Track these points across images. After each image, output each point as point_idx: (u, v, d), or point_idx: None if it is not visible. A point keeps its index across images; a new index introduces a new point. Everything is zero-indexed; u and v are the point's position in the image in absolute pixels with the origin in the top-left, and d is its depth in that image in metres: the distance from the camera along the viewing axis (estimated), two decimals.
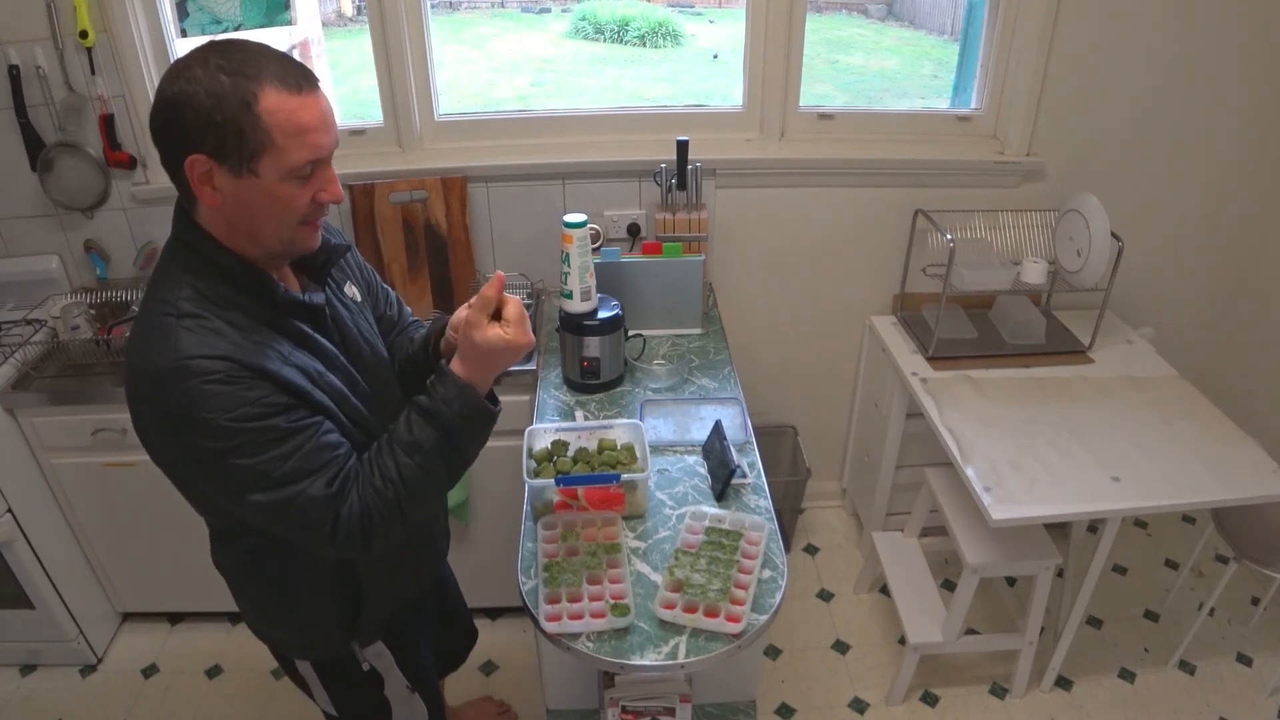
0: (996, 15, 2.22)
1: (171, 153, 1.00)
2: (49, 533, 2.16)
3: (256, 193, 1.02)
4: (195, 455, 1.03)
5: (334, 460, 1.08)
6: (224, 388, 1.00)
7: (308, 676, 1.42)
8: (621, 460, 1.60)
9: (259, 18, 2.17)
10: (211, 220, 1.06)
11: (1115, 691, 2.24)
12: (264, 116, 0.98)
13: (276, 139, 0.99)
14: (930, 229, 2.30)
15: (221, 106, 0.96)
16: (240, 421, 1.01)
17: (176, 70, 0.99)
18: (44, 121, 2.09)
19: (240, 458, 1.02)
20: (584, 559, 1.43)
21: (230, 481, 1.05)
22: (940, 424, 2.01)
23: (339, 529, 1.08)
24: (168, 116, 0.99)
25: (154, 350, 1.00)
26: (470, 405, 1.13)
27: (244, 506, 1.07)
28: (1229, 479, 1.85)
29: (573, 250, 1.84)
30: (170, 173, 1.03)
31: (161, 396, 1.00)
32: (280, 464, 1.04)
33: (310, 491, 1.05)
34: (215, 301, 1.05)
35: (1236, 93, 2.26)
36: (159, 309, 1.04)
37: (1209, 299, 2.60)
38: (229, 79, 0.97)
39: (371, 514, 1.09)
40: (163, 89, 0.99)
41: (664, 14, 3.34)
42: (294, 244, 1.11)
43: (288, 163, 1.01)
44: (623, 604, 1.35)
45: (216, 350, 1.01)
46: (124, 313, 2.19)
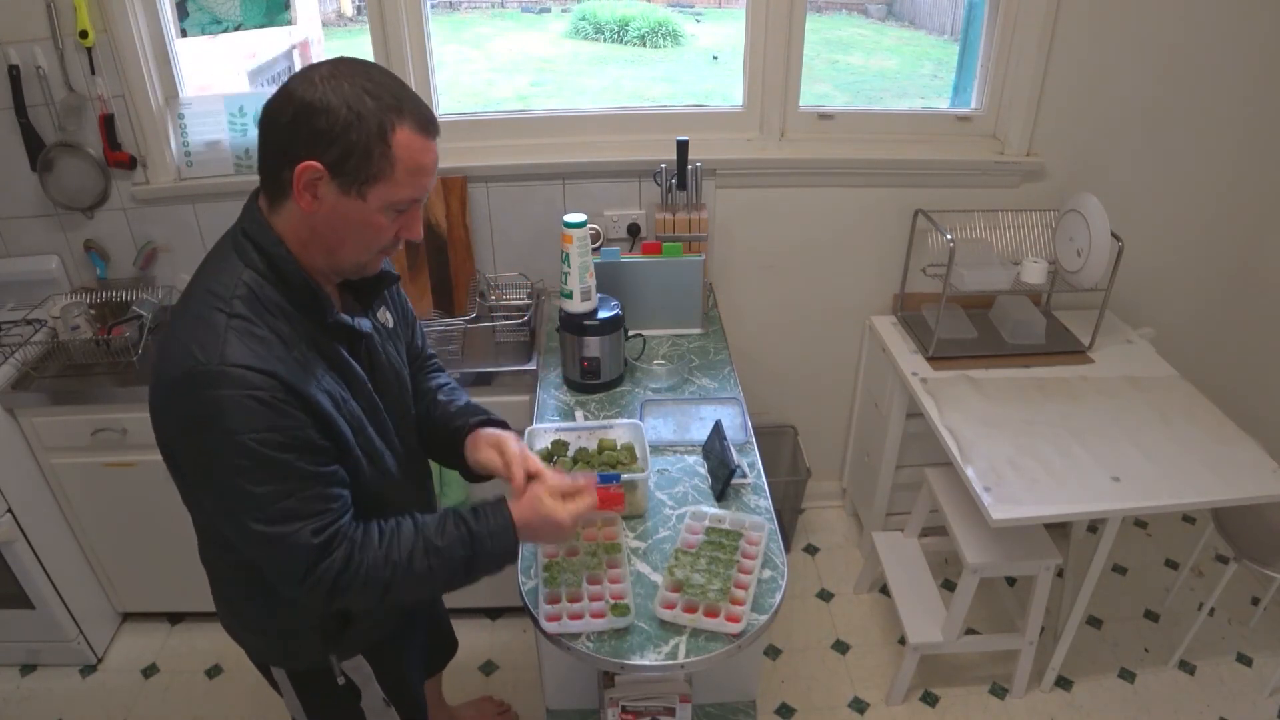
0: (996, 15, 2.22)
1: (287, 151, 1.01)
2: (49, 533, 2.16)
3: (355, 214, 1.04)
4: (206, 461, 1.03)
5: (329, 512, 1.08)
6: (259, 406, 1.00)
7: (281, 683, 1.40)
8: (621, 460, 1.60)
9: (259, 18, 2.17)
10: (292, 225, 1.07)
11: (1115, 691, 2.24)
12: (394, 148, 1.01)
13: (396, 172, 1.02)
14: (930, 229, 2.30)
15: (360, 126, 0.99)
16: (263, 446, 1.01)
17: (319, 77, 1.00)
18: (44, 121, 2.09)
19: (248, 481, 1.02)
20: (584, 559, 1.43)
21: (229, 498, 1.04)
22: (940, 424, 2.01)
23: (310, 578, 1.07)
24: (299, 118, 0.99)
25: (199, 345, 1.00)
26: (506, 549, 1.18)
27: (231, 524, 1.07)
28: (1229, 479, 1.85)
29: (573, 250, 1.84)
30: (270, 168, 1.04)
31: (195, 394, 0.99)
32: (281, 499, 1.04)
33: (298, 537, 1.05)
34: (267, 306, 1.06)
35: (1237, 92, 2.26)
36: (211, 301, 1.03)
37: (1209, 299, 2.60)
38: (374, 103, 0.99)
39: (354, 580, 1.09)
40: (301, 90, 0.99)
41: (664, 14, 3.34)
42: (363, 268, 1.14)
43: (395, 196, 1.04)
44: (623, 604, 1.35)
45: (263, 364, 1.01)
46: (124, 313, 2.19)
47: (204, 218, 2.28)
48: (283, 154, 1.01)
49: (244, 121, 2.18)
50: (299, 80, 1.01)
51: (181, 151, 2.19)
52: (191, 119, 2.16)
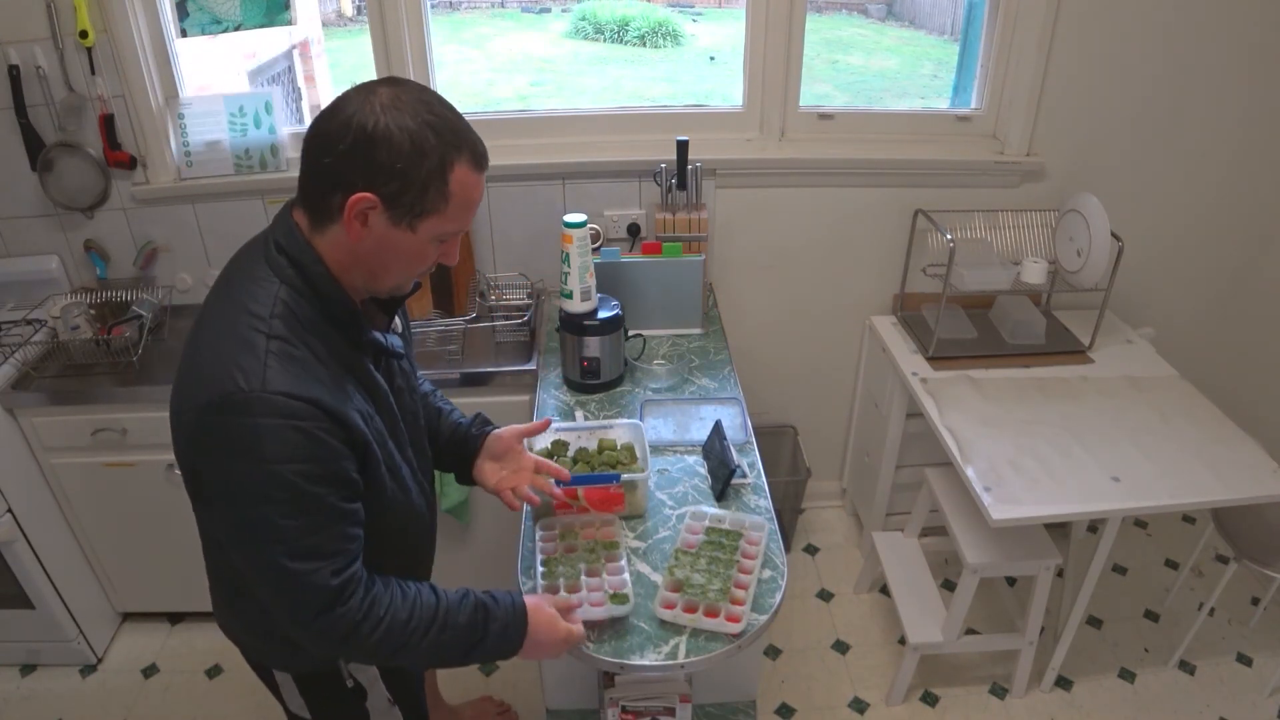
0: (996, 15, 2.22)
1: (340, 180, 0.98)
2: (49, 533, 2.16)
3: (403, 244, 1.03)
4: (237, 489, 1.01)
5: (347, 553, 1.07)
6: (299, 436, 0.99)
7: (284, 686, 1.37)
8: (621, 460, 1.60)
9: (259, 18, 2.17)
10: (334, 249, 1.05)
11: (1115, 691, 2.24)
12: (451, 184, 1.01)
13: (450, 207, 1.02)
14: (930, 229, 2.30)
15: (422, 163, 0.97)
16: (299, 478, 0.99)
17: (380, 105, 0.97)
18: (44, 121, 2.09)
19: (278, 513, 1.00)
20: (582, 554, 1.43)
21: (255, 529, 1.02)
22: (940, 424, 2.01)
23: (323, 619, 1.06)
24: (359, 148, 0.96)
25: (240, 370, 0.97)
26: (510, 647, 1.20)
27: (248, 555, 1.05)
28: (1229, 479, 1.85)
29: (573, 250, 1.84)
30: (319, 190, 1.01)
31: (234, 420, 0.97)
32: (308, 536, 1.02)
33: (318, 576, 1.04)
34: (303, 323, 1.04)
35: (1237, 92, 2.26)
36: (250, 321, 1.01)
37: (1209, 299, 2.61)
38: (436, 138, 0.98)
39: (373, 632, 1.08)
40: (360, 117, 0.96)
41: (664, 14, 3.34)
42: (399, 289, 1.14)
43: (446, 229, 1.04)
44: (622, 594, 1.35)
45: (304, 390, 0.99)
46: (124, 313, 2.19)
47: (204, 218, 2.28)
48: (336, 181, 0.99)
49: (244, 121, 2.18)
50: (358, 105, 0.97)
51: (181, 151, 2.19)
52: (191, 119, 2.16)
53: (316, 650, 1.17)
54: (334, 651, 1.11)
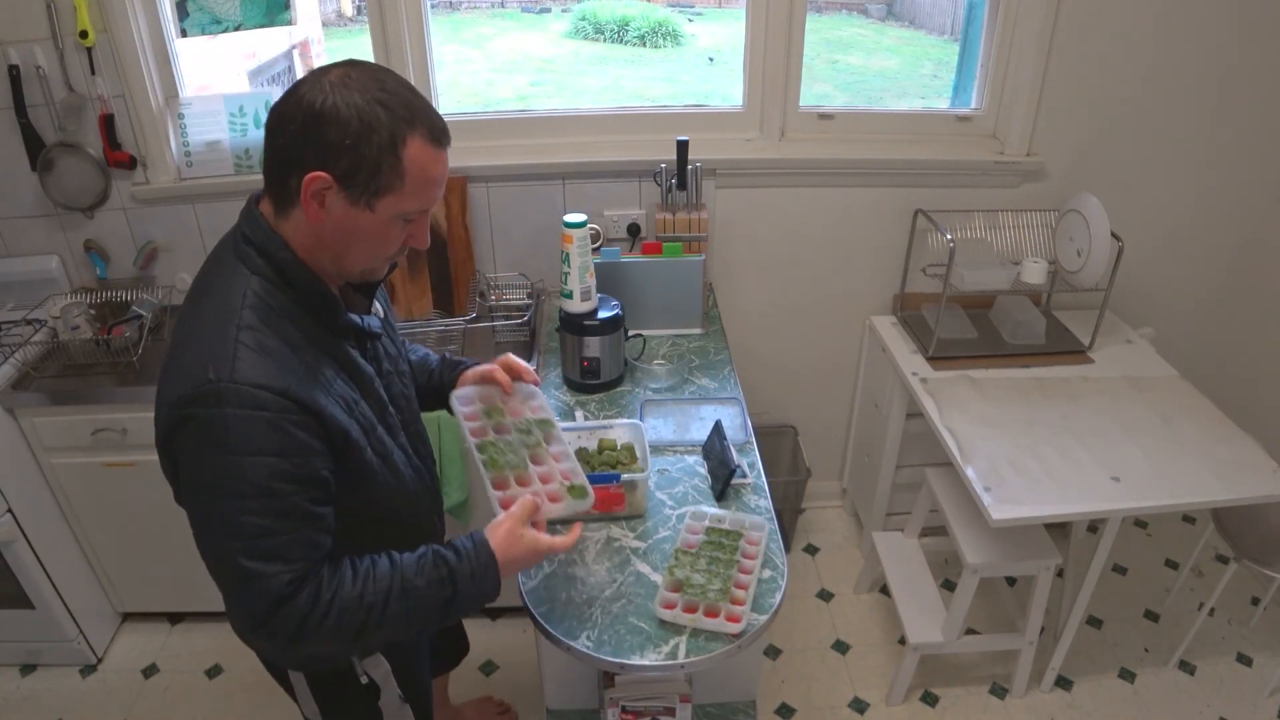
0: (996, 15, 2.22)
1: (293, 160, 0.98)
2: (49, 533, 2.16)
3: (363, 224, 1.02)
4: (205, 481, 1.00)
5: (308, 560, 1.03)
6: (269, 430, 0.98)
7: (298, 688, 1.37)
8: (621, 460, 1.60)
9: (259, 18, 2.17)
10: (298, 233, 1.04)
11: (1115, 691, 2.24)
12: (405, 161, 0.99)
13: (406, 184, 1.01)
14: (930, 229, 2.30)
15: (371, 139, 0.96)
16: (267, 475, 0.98)
17: (329, 83, 0.97)
18: (44, 121, 2.09)
19: (241, 510, 0.98)
20: (519, 436, 1.32)
21: (216, 522, 1.00)
22: (940, 424, 2.01)
23: (269, 624, 1.02)
24: (308, 127, 0.96)
25: (210, 361, 0.97)
26: (488, 589, 1.14)
27: (209, 548, 1.02)
28: (1229, 479, 1.85)
29: (573, 250, 1.84)
30: (277, 174, 1.01)
31: (204, 412, 0.97)
32: (268, 536, 1.00)
33: (271, 581, 1.00)
34: (276, 312, 1.03)
35: (1237, 92, 2.26)
36: (219, 313, 1.01)
37: (1209, 299, 2.61)
38: (385, 114, 0.97)
39: (322, 623, 1.03)
40: (310, 96, 0.96)
41: (664, 14, 3.34)
42: (370, 274, 1.13)
43: (405, 207, 1.03)
44: (578, 485, 1.27)
45: (274, 380, 0.98)
46: (124, 313, 2.19)
47: (204, 218, 2.28)
48: (290, 162, 0.99)
49: (244, 121, 2.18)
50: (309, 85, 0.98)
51: (181, 151, 2.19)
52: (191, 119, 2.16)
53: (272, 655, 1.13)
54: (290, 652, 1.07)
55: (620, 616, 1.36)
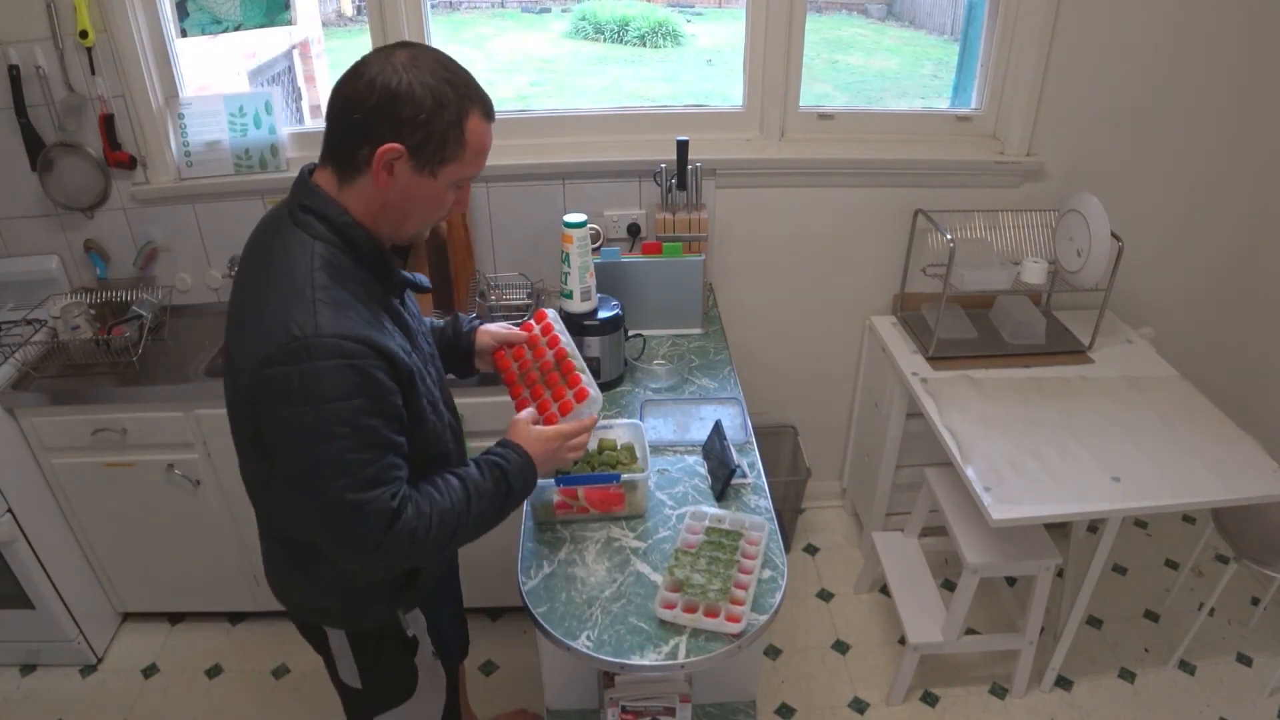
0: (996, 15, 2.22)
1: (367, 133, 1.07)
2: (49, 533, 2.16)
3: (425, 191, 1.13)
4: (302, 431, 1.06)
5: (399, 480, 1.14)
6: (354, 374, 1.07)
7: (337, 648, 1.41)
8: (621, 460, 1.60)
9: (259, 17, 2.17)
10: (360, 200, 1.13)
11: (1115, 691, 2.24)
12: (467, 134, 1.11)
13: (465, 154, 1.13)
14: (930, 229, 2.30)
15: (442, 115, 1.08)
16: (358, 414, 1.07)
17: (399, 65, 1.07)
18: (44, 121, 2.09)
19: (342, 448, 1.07)
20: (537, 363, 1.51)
21: (319, 467, 1.08)
22: (940, 424, 2.01)
23: (386, 542, 1.12)
24: (385, 104, 1.06)
25: (294, 321, 1.05)
26: (530, 481, 1.31)
27: (313, 494, 1.10)
28: (1229, 479, 1.85)
29: (573, 250, 1.84)
30: (347, 147, 1.10)
31: (295, 367, 1.04)
32: (367, 467, 1.10)
33: (379, 503, 1.10)
34: (341, 271, 1.12)
35: (1237, 93, 2.26)
36: (294, 278, 1.09)
37: (1209, 299, 2.60)
38: (453, 92, 1.09)
39: (428, 533, 1.15)
40: (384, 77, 1.06)
41: (664, 14, 3.35)
42: (418, 236, 1.25)
43: (461, 174, 1.15)
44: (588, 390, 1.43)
45: (353, 330, 1.07)
46: (124, 313, 2.19)
47: (204, 218, 2.28)
48: (364, 135, 1.08)
49: (244, 121, 2.18)
50: (378, 66, 1.07)
51: (181, 151, 2.19)
52: (191, 119, 2.16)
53: (385, 569, 1.23)
54: (402, 564, 1.21)
55: (620, 616, 1.36)
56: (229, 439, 1.22)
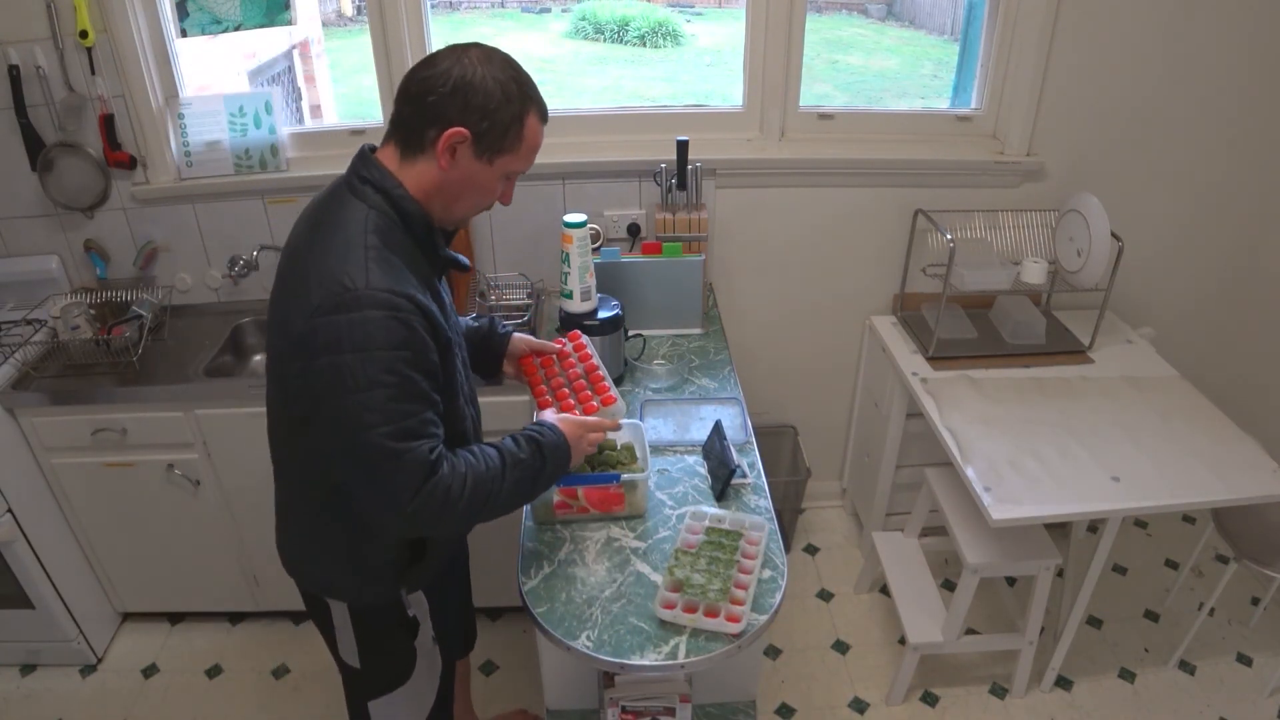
0: (996, 15, 2.22)
1: (438, 116, 1.17)
2: (49, 533, 2.16)
3: (480, 176, 1.23)
4: (348, 378, 1.11)
5: (436, 436, 1.20)
6: (400, 326, 1.14)
7: (339, 623, 1.43)
8: (621, 460, 1.60)
9: (259, 18, 2.17)
10: (418, 179, 1.21)
11: (1115, 691, 2.24)
12: (525, 129, 1.22)
13: (521, 149, 1.23)
14: (930, 229, 2.30)
15: (506, 107, 1.19)
16: (402, 364, 1.14)
17: (473, 60, 1.17)
18: (44, 121, 2.09)
19: (384, 395, 1.12)
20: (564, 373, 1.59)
21: (363, 412, 1.12)
22: (940, 424, 2.01)
23: (421, 494, 1.16)
24: (459, 91, 1.16)
25: (347, 274, 1.13)
26: (563, 460, 1.35)
27: (353, 442, 1.14)
28: (1229, 479, 1.85)
29: (573, 250, 1.84)
30: (416, 127, 1.19)
31: (347, 316, 1.11)
32: (407, 418, 1.15)
33: (417, 453, 1.16)
34: (391, 239, 1.20)
35: (1237, 93, 2.26)
36: (348, 239, 1.16)
37: (1209, 299, 2.60)
38: (518, 90, 1.20)
39: (462, 493, 1.19)
40: (459, 70, 1.16)
41: (664, 14, 3.35)
42: (464, 221, 1.35)
43: (514, 167, 1.25)
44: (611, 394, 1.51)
45: (400, 286, 1.15)
46: (124, 313, 2.19)
47: (204, 218, 2.28)
48: (436, 117, 1.17)
49: (244, 121, 2.18)
50: (453, 60, 1.17)
51: (181, 151, 2.19)
52: (191, 119, 2.16)
53: (416, 527, 1.25)
54: (433, 525, 1.22)
55: (620, 616, 1.36)
56: (229, 439, 1.24)
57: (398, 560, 1.38)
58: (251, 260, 2.27)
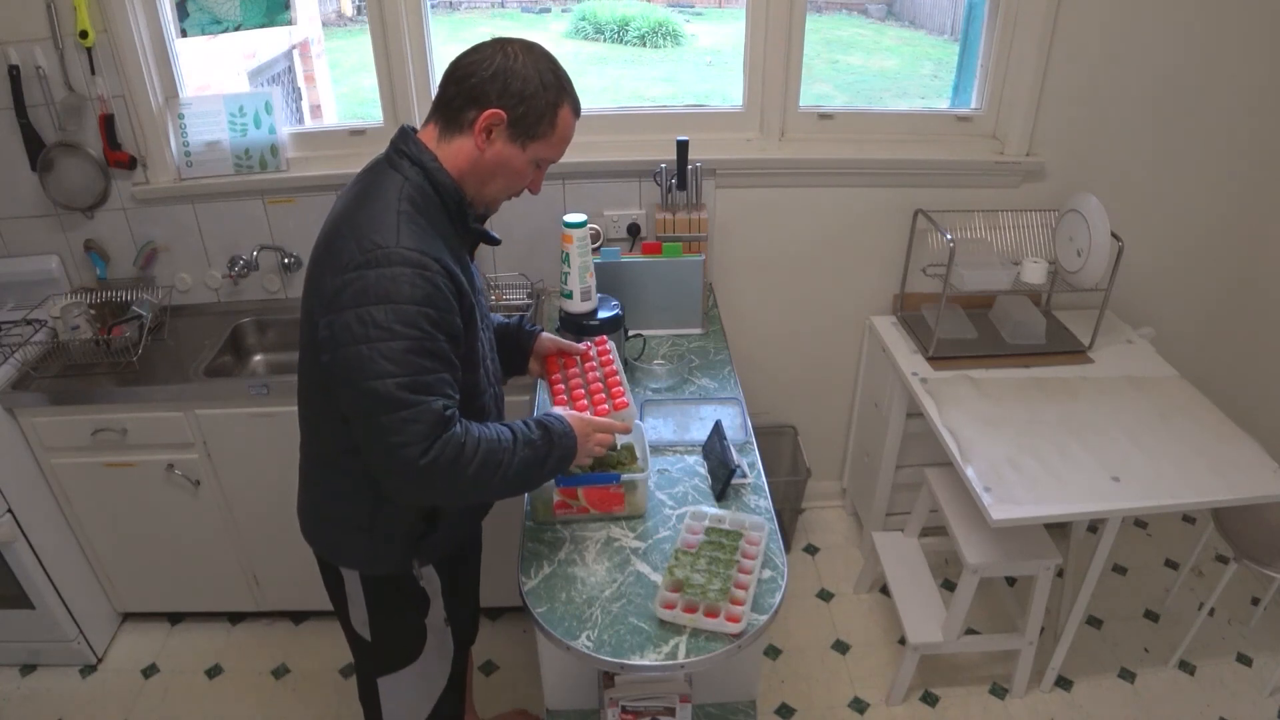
0: (996, 15, 2.22)
1: (479, 97, 1.24)
2: (49, 533, 2.16)
3: (512, 160, 1.29)
4: (371, 329, 1.16)
5: (451, 397, 1.23)
6: (425, 284, 1.18)
7: (352, 592, 1.47)
8: (621, 460, 1.60)
9: (259, 17, 2.17)
10: (455, 157, 1.28)
11: (1115, 691, 2.24)
12: (558, 118, 1.30)
13: (553, 137, 1.31)
14: (930, 229, 2.30)
15: (542, 94, 1.26)
16: (422, 319, 1.17)
17: (516, 50, 1.25)
18: (44, 121, 2.09)
19: (404, 347, 1.16)
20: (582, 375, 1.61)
21: (382, 362, 1.16)
22: (940, 424, 2.01)
23: (433, 449, 1.18)
24: (500, 75, 1.23)
25: (379, 234, 1.18)
26: (570, 450, 1.37)
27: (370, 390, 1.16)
28: (1229, 479, 1.85)
29: (573, 250, 1.84)
30: (456, 107, 1.26)
31: (376, 272, 1.16)
32: (424, 373, 1.18)
33: (430, 406, 1.18)
34: (425, 209, 1.25)
35: (1236, 92, 2.26)
36: (382, 204, 1.23)
37: (1209, 298, 2.61)
38: (555, 82, 1.28)
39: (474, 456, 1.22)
40: (500, 59, 1.24)
41: (664, 14, 3.35)
42: (493, 205, 1.39)
43: (545, 154, 1.32)
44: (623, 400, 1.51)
45: (428, 248, 1.20)
46: (124, 313, 2.19)
47: (204, 218, 2.28)
48: (477, 98, 1.24)
49: (244, 121, 2.18)
50: (495, 50, 1.25)
51: (181, 151, 2.19)
52: (191, 119, 2.16)
53: (424, 489, 1.24)
54: (442, 490, 1.23)
55: (620, 616, 1.36)
56: (229, 439, 1.24)
57: (411, 530, 1.41)
58: (251, 260, 2.27)
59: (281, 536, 1.52)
